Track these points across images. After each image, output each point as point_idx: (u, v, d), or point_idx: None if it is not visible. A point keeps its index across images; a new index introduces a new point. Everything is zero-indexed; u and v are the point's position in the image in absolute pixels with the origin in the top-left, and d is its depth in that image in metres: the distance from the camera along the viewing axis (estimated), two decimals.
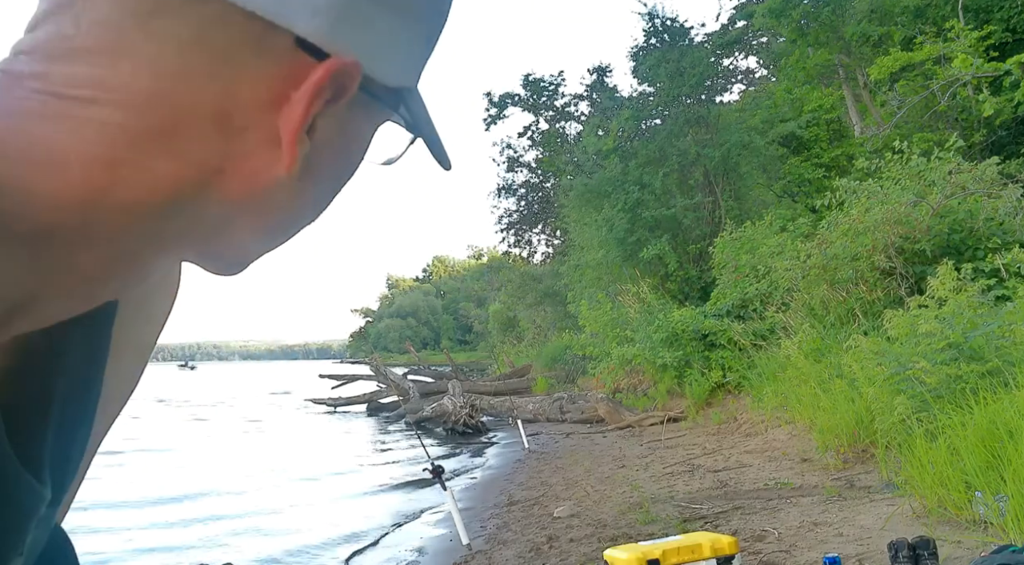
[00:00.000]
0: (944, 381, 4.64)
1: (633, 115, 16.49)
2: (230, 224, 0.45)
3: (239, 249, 0.48)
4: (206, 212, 0.43)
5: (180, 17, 0.39)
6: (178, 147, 0.40)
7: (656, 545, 3.30)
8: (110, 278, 0.45)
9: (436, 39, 0.49)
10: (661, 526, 4.83)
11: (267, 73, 0.41)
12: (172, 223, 0.43)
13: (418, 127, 0.48)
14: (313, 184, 0.46)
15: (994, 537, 3.48)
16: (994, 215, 8.02)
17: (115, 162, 0.40)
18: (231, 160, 0.42)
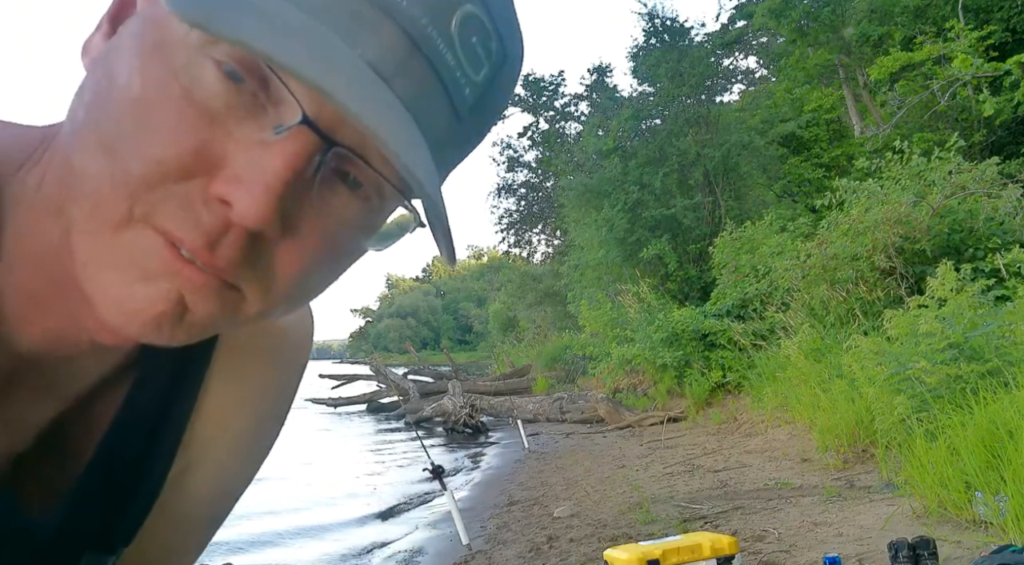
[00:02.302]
0: (944, 381, 4.64)
1: (633, 115, 16.48)
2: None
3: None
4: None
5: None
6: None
7: (656, 545, 3.30)
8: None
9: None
10: (661, 526, 4.83)
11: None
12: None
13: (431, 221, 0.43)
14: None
15: (994, 537, 3.48)
16: (994, 215, 8.02)
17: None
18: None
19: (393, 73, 0.40)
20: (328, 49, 0.38)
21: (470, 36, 0.42)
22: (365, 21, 0.40)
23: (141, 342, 0.44)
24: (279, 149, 0.40)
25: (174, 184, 0.40)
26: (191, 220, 0.40)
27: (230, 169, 0.40)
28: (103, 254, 0.41)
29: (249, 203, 0.39)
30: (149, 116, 0.40)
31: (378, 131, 0.37)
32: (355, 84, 0.37)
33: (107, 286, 0.42)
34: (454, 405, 13.27)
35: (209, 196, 0.40)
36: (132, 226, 0.41)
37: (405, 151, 0.38)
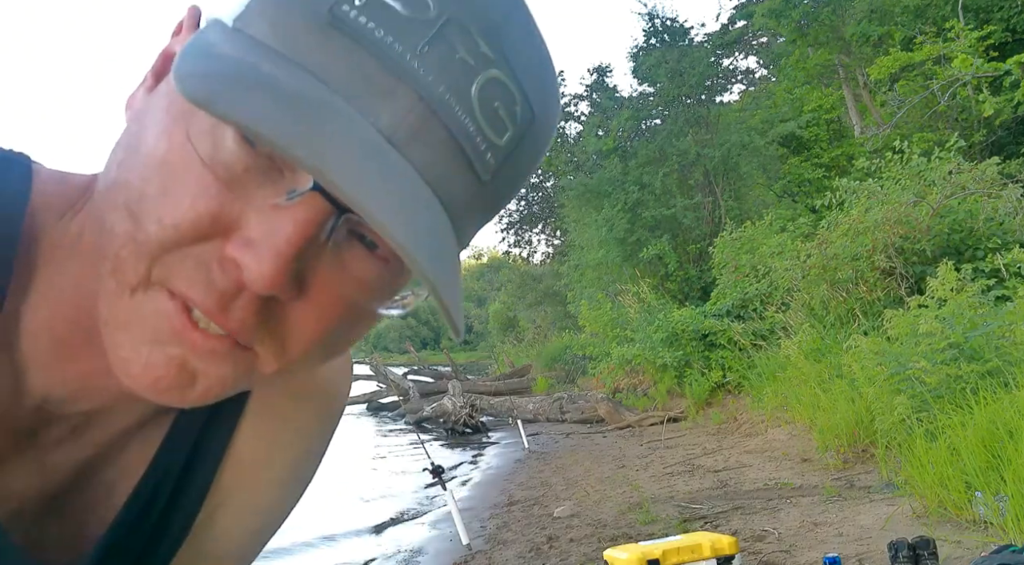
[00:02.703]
0: (944, 381, 4.64)
1: (633, 115, 16.48)
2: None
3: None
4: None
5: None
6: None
7: (656, 545, 3.30)
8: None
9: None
10: (661, 526, 4.83)
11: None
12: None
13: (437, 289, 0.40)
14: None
15: (994, 537, 3.48)
16: (994, 215, 8.02)
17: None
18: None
19: (408, 140, 0.40)
20: (332, 122, 0.37)
21: (492, 101, 0.41)
22: (378, 88, 0.39)
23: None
24: (291, 214, 0.40)
25: (190, 246, 0.41)
26: (204, 281, 0.41)
27: (244, 232, 0.40)
28: (119, 314, 0.42)
29: (260, 268, 0.39)
30: (170, 181, 0.40)
31: (372, 209, 0.36)
32: (352, 160, 0.36)
33: (117, 347, 0.42)
34: (454, 405, 13.27)
35: (223, 257, 0.41)
36: (149, 289, 0.41)
37: (402, 229, 0.37)
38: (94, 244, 0.45)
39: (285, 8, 0.40)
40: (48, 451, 0.50)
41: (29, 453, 0.49)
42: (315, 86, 0.38)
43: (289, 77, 0.38)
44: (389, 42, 0.39)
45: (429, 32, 0.39)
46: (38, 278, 0.47)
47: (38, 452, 0.49)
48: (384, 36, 0.39)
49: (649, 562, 3.15)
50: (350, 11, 0.39)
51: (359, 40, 0.39)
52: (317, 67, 0.39)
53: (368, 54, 0.39)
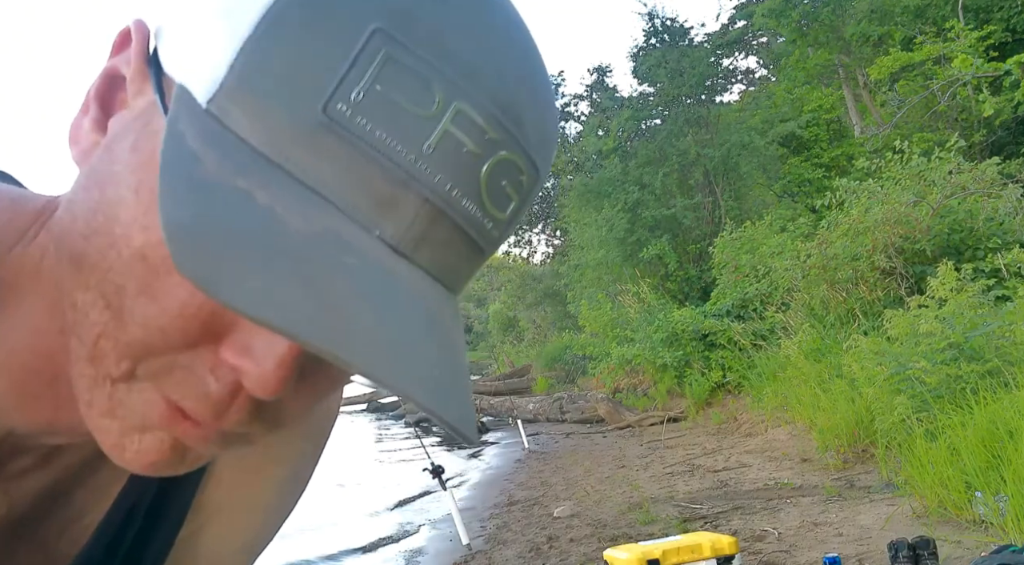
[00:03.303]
0: (944, 381, 4.64)
1: (633, 115, 16.48)
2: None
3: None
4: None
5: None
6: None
7: (656, 545, 3.31)
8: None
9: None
10: (661, 526, 4.83)
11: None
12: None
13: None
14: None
15: (994, 537, 3.49)
16: (994, 215, 8.02)
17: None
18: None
19: (415, 246, 0.37)
20: (343, 281, 0.34)
21: (499, 181, 0.38)
22: (382, 198, 0.36)
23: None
24: None
25: (178, 352, 0.38)
26: (198, 391, 0.38)
27: (239, 336, 0.37)
28: (102, 402, 0.40)
29: (264, 378, 0.36)
30: (152, 281, 0.37)
31: (395, 385, 0.33)
32: (372, 343, 0.33)
33: (104, 432, 0.40)
34: None
35: (217, 362, 0.38)
36: (133, 382, 0.39)
37: (426, 396, 0.34)
38: (52, 293, 0.43)
39: (269, 102, 0.35)
40: (15, 479, 0.48)
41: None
42: (316, 215, 0.35)
43: (286, 210, 0.34)
44: (391, 145, 0.35)
45: (435, 128, 0.36)
46: None
47: (5, 481, 0.47)
48: (386, 139, 0.35)
49: (649, 562, 3.15)
50: (346, 110, 0.35)
51: (357, 145, 0.35)
52: (312, 178, 0.35)
53: (369, 161, 0.35)
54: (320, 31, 0.35)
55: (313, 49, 0.35)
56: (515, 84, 0.39)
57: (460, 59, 0.37)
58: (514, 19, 0.41)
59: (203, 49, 0.37)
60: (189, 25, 0.39)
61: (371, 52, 0.35)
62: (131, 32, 0.42)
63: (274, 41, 0.35)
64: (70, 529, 0.52)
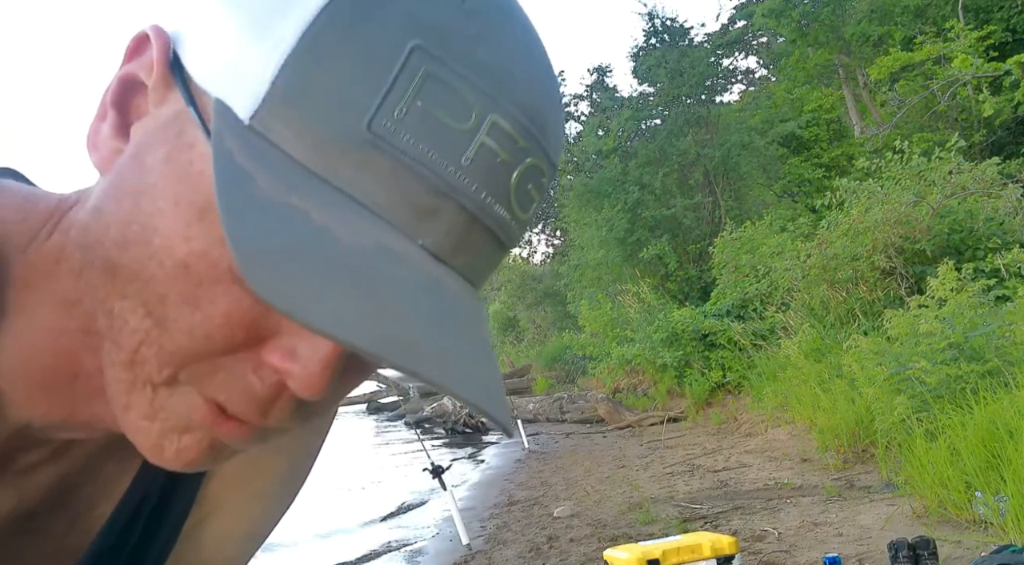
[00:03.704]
0: (944, 381, 4.64)
1: (633, 115, 16.48)
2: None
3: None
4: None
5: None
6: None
7: (656, 545, 3.31)
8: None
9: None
10: (661, 526, 4.83)
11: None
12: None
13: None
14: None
15: (994, 537, 3.49)
16: (994, 215, 8.03)
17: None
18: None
19: (453, 252, 0.39)
20: (398, 293, 0.36)
21: (526, 184, 0.40)
22: (423, 209, 0.37)
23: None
24: None
25: (221, 357, 0.39)
26: (243, 392, 0.40)
27: (282, 341, 0.39)
28: (141, 405, 0.41)
29: (307, 380, 0.38)
30: (197, 290, 0.38)
31: (432, 375, 0.35)
32: (425, 344, 0.35)
33: (143, 433, 0.41)
34: (454, 405, 13.28)
35: (260, 364, 0.39)
36: (176, 387, 0.40)
37: (474, 394, 0.36)
38: (70, 293, 0.43)
39: (314, 119, 0.36)
40: (26, 473, 0.48)
41: (4, 476, 0.47)
42: (365, 228, 0.36)
43: (339, 225, 0.36)
44: (433, 158, 0.37)
45: (472, 141, 0.38)
46: (9, 316, 0.44)
47: (15, 475, 0.48)
48: (428, 152, 0.37)
49: (649, 562, 3.15)
50: (391, 125, 0.36)
51: (401, 160, 0.37)
52: (359, 191, 0.37)
53: (412, 174, 0.37)
54: (361, 48, 0.36)
55: (356, 66, 0.36)
56: (539, 92, 0.41)
57: (491, 72, 0.38)
58: (530, 27, 0.43)
59: (239, 62, 0.38)
60: (217, 34, 0.39)
61: (412, 69, 0.36)
62: (149, 38, 0.42)
63: (317, 58, 0.36)
64: (79, 522, 0.52)
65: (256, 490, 0.61)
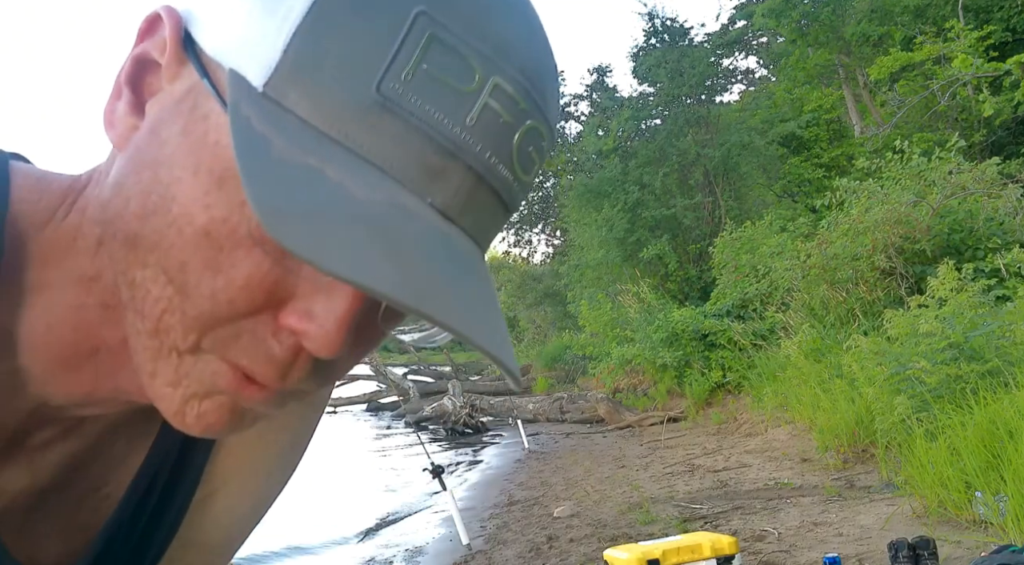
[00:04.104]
0: (944, 381, 4.64)
1: (633, 115, 16.48)
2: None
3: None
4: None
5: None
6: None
7: (656, 545, 3.30)
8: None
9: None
10: (661, 526, 4.83)
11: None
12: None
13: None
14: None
15: (994, 537, 3.49)
16: (994, 215, 8.02)
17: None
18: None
19: (461, 211, 0.40)
20: (413, 243, 0.37)
21: (528, 146, 0.42)
22: (432, 169, 0.39)
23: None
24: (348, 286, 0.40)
25: (243, 320, 0.41)
26: (263, 354, 0.42)
27: (300, 303, 0.40)
28: (167, 372, 0.42)
29: (324, 339, 0.40)
30: (218, 255, 0.39)
31: (460, 331, 0.37)
32: (441, 292, 0.37)
33: (167, 399, 0.43)
34: (454, 405, 13.27)
35: (278, 327, 0.41)
36: (200, 353, 0.42)
37: (483, 338, 0.38)
38: (88, 270, 0.45)
39: (326, 83, 0.38)
40: (39, 451, 0.49)
41: (19, 454, 0.48)
42: (379, 186, 0.38)
43: (354, 183, 0.37)
44: (439, 119, 0.38)
45: (475, 102, 0.39)
46: (29, 294, 0.45)
47: (29, 452, 0.49)
48: (434, 113, 0.38)
49: (649, 562, 3.15)
50: (399, 87, 0.38)
51: (409, 121, 0.38)
52: (371, 152, 0.38)
53: (420, 135, 0.38)
54: (369, 15, 0.38)
55: (363, 32, 0.38)
56: (538, 58, 0.43)
57: (494, 36, 0.40)
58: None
59: (251, 34, 0.39)
60: (228, 11, 0.41)
61: (417, 33, 0.38)
62: (161, 18, 0.43)
63: (326, 26, 0.38)
64: (88, 500, 0.53)
65: (260, 464, 0.62)
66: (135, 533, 0.55)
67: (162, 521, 0.56)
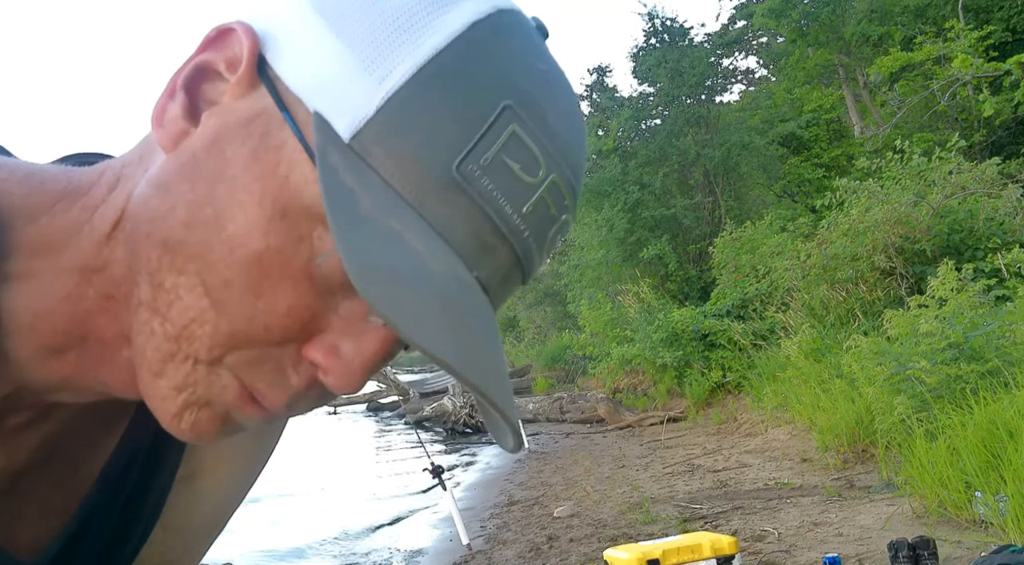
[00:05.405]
0: (944, 381, 4.64)
1: (633, 115, 16.47)
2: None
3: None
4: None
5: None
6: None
7: (656, 545, 3.30)
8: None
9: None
10: (661, 526, 4.83)
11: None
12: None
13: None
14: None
15: (994, 537, 3.49)
16: (994, 215, 8.02)
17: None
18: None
19: (496, 288, 0.44)
20: (475, 323, 0.41)
21: (557, 236, 0.45)
22: (485, 245, 0.42)
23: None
24: (380, 333, 0.43)
25: (271, 346, 0.42)
26: (280, 382, 0.44)
27: (328, 337, 0.43)
28: (175, 376, 0.43)
29: (347, 377, 0.43)
30: (266, 282, 0.41)
31: (485, 389, 0.40)
32: (484, 361, 0.40)
33: (167, 402, 0.44)
34: (454, 405, 13.27)
35: (300, 358, 0.43)
36: (218, 367, 0.43)
37: (501, 400, 0.41)
38: (91, 262, 0.45)
39: (410, 151, 0.40)
40: (13, 434, 0.49)
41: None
42: (444, 256, 0.40)
43: (426, 251, 0.40)
44: (502, 204, 0.41)
45: (534, 194, 0.42)
46: (14, 282, 0.45)
47: (3, 435, 0.49)
48: (500, 198, 0.41)
49: (649, 562, 3.15)
50: (476, 170, 0.41)
51: (477, 201, 0.41)
52: (440, 223, 0.41)
53: (484, 216, 0.41)
54: (462, 97, 0.41)
55: (454, 113, 0.41)
56: (582, 157, 0.46)
57: (558, 137, 0.44)
58: (571, 86, 0.48)
59: (340, 83, 0.41)
60: (313, 49, 0.42)
61: (501, 124, 0.41)
62: (234, 33, 0.44)
63: (422, 98, 0.40)
64: (64, 482, 0.53)
65: (240, 449, 0.62)
66: (113, 515, 0.54)
67: (143, 503, 0.56)
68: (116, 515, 0.54)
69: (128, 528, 0.56)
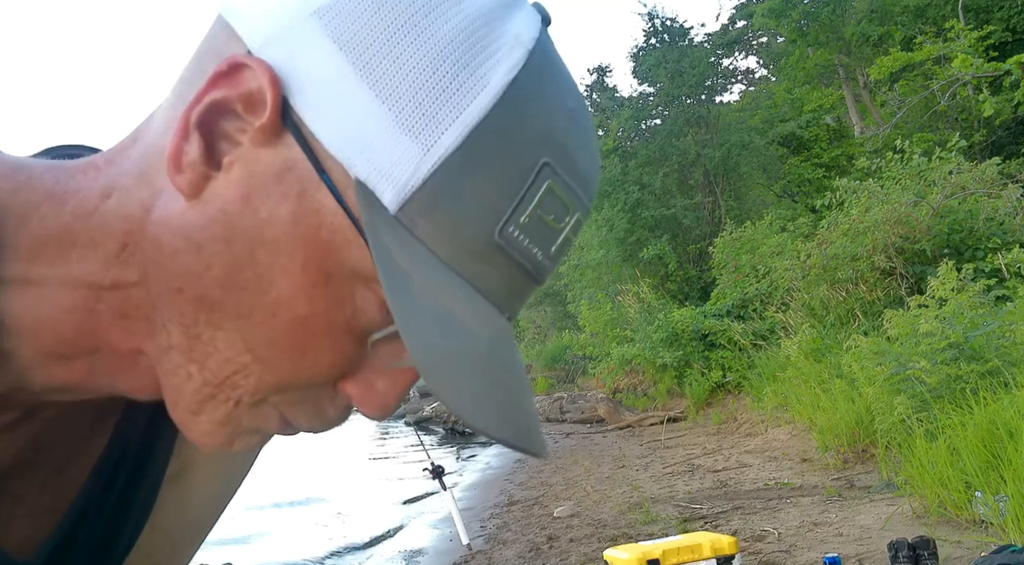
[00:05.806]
0: (944, 381, 4.64)
1: (633, 115, 16.47)
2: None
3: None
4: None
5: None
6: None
7: (656, 545, 3.30)
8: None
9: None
10: (661, 526, 4.83)
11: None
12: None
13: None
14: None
15: (994, 537, 3.49)
16: (994, 215, 8.02)
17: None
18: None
19: (517, 313, 0.46)
20: (520, 396, 0.43)
21: (566, 247, 0.45)
22: (519, 293, 0.44)
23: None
24: (410, 370, 0.45)
25: (311, 388, 0.45)
26: (318, 414, 0.46)
27: (363, 375, 0.45)
28: (215, 413, 0.45)
29: (382, 409, 0.45)
30: (310, 342, 0.42)
31: (526, 446, 0.42)
32: (525, 424, 0.42)
33: (212, 435, 0.46)
34: None
35: (335, 393, 0.46)
36: (261, 406, 0.45)
37: (530, 444, 0.42)
38: (99, 278, 0.44)
39: (454, 219, 0.40)
40: (3, 427, 0.48)
41: None
42: (488, 317, 0.42)
43: (474, 319, 0.41)
44: (535, 254, 0.42)
45: (561, 236, 0.44)
46: (13, 286, 0.44)
47: None
48: (535, 251, 0.42)
49: (649, 562, 3.15)
50: (516, 232, 0.41)
51: (515, 258, 0.42)
52: (477, 279, 0.41)
53: (519, 269, 0.42)
54: (505, 160, 0.40)
55: (497, 177, 0.40)
56: (597, 178, 0.47)
57: (583, 174, 0.44)
58: (590, 118, 0.47)
59: (381, 148, 0.39)
60: (345, 104, 0.40)
61: (539, 182, 0.41)
62: (248, 70, 0.41)
63: (470, 165, 0.40)
64: (52, 482, 0.52)
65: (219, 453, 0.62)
66: (104, 514, 0.54)
67: (135, 500, 0.55)
68: (108, 513, 0.54)
69: (119, 526, 0.55)
